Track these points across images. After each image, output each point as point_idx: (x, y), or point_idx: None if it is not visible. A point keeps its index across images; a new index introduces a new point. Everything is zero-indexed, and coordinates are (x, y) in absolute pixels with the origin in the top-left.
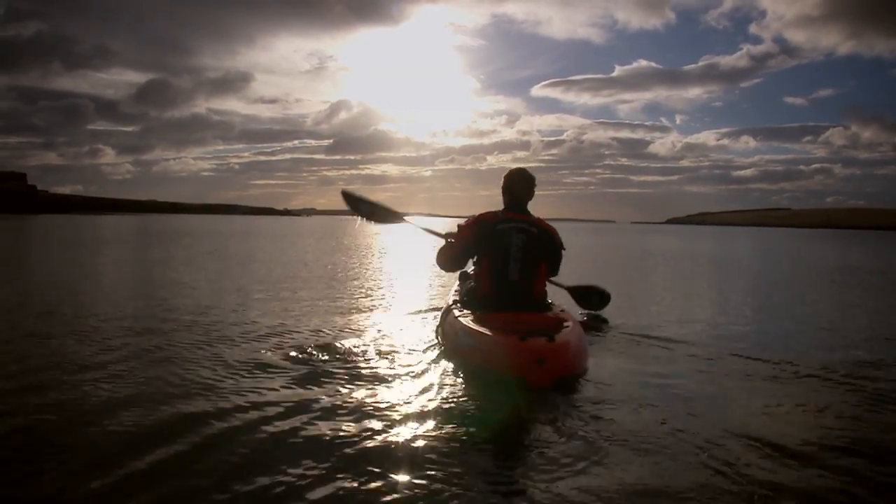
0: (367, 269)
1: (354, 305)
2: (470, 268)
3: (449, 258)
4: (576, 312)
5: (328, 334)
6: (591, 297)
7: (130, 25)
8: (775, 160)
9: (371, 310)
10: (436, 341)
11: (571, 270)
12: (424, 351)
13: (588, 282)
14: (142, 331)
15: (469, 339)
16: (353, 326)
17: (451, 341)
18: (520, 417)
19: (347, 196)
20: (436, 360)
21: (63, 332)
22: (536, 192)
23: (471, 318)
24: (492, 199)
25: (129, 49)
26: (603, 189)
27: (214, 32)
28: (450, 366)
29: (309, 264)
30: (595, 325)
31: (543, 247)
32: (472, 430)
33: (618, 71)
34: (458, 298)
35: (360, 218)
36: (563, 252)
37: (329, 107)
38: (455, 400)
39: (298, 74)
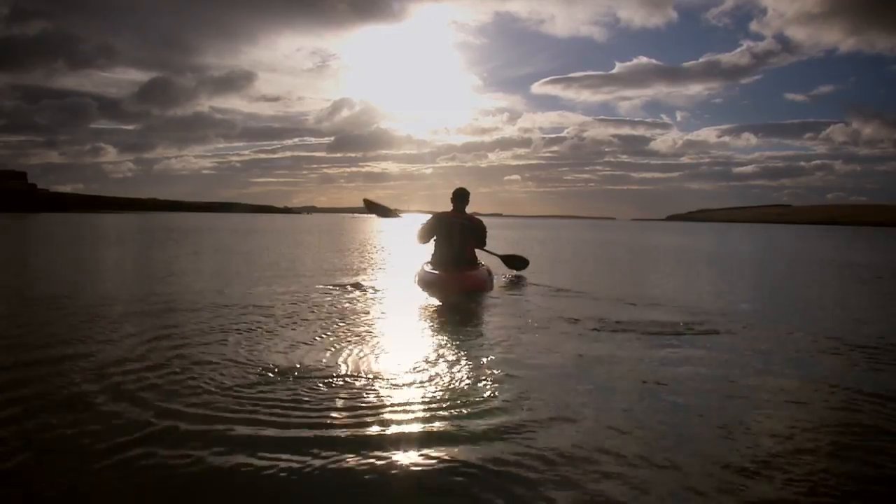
0: (364, 258)
1: (360, 275)
2: (431, 247)
3: (421, 235)
4: (498, 270)
5: (344, 292)
6: (515, 262)
7: (135, 24)
8: (776, 157)
9: (371, 275)
10: (414, 285)
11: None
12: (409, 289)
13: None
14: (150, 319)
15: (438, 280)
16: (362, 286)
17: (426, 283)
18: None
19: (368, 203)
20: (420, 293)
21: (69, 323)
22: (537, 191)
23: (435, 270)
24: (491, 197)
25: (132, 48)
26: (603, 186)
27: (218, 31)
28: (425, 293)
29: (317, 255)
30: (518, 281)
31: (471, 231)
32: (449, 317)
33: (618, 68)
34: (424, 264)
35: (376, 215)
36: (486, 229)
37: (331, 105)
38: (433, 307)
39: (301, 73)
